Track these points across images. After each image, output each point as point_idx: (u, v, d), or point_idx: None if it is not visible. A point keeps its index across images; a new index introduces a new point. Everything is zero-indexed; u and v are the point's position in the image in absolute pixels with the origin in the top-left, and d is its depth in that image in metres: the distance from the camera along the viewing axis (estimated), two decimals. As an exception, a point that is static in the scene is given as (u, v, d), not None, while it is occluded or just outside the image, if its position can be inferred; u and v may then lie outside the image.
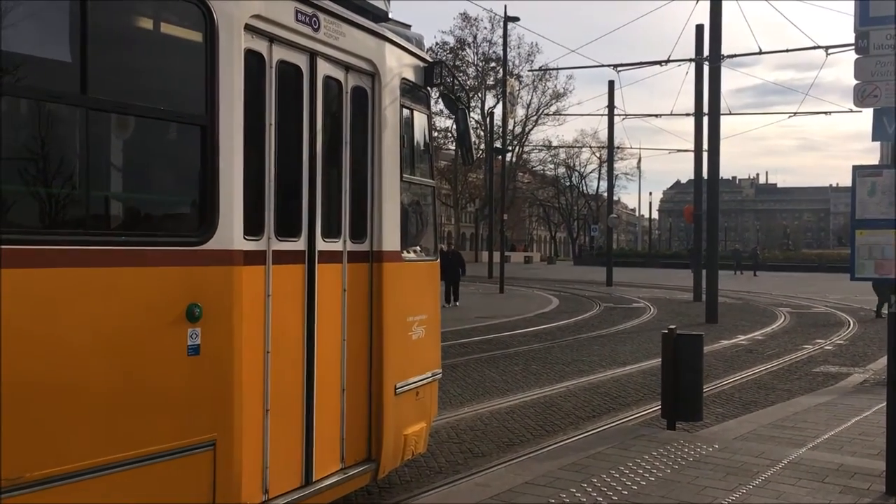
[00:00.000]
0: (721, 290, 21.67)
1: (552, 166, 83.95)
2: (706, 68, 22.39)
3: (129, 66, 3.81)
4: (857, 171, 5.74)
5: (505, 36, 37.31)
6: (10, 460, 3.11)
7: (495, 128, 50.15)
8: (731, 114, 36.77)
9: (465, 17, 63.61)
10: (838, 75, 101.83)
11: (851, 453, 6.67)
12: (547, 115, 69.36)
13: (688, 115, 29.56)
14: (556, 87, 69.52)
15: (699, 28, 24.23)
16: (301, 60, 4.64)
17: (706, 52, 22.18)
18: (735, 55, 23.61)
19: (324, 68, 4.81)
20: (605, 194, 52.82)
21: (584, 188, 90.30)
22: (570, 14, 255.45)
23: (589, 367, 12.47)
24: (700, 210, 25.75)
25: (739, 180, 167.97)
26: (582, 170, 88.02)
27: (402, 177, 5.51)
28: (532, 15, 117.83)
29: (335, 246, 4.96)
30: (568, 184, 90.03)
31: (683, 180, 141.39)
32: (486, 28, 62.25)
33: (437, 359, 6.23)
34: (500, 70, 47.14)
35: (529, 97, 68.36)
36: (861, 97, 5.69)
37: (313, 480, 4.78)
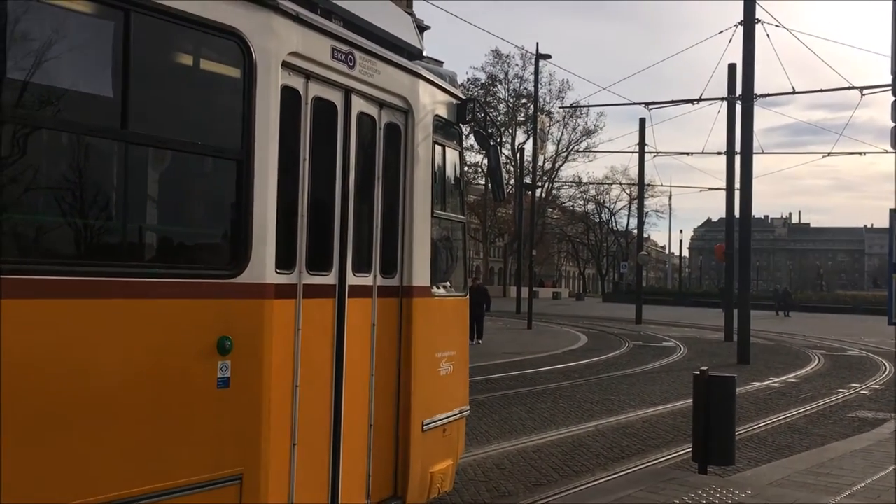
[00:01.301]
0: (753, 330, 21.33)
1: (582, 202, 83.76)
2: (738, 107, 22.32)
3: (167, 101, 3.85)
4: (895, 213, 5.64)
5: (536, 73, 37.59)
6: (43, 491, 3.12)
7: (525, 163, 50.30)
8: (763, 153, 36.56)
9: (496, 53, 63.88)
10: (872, 115, 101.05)
11: (889, 503, 6.47)
12: (577, 151, 69.39)
13: (719, 153, 29.49)
14: (586, 123, 69.63)
15: (731, 67, 24.24)
16: (336, 97, 4.68)
17: (738, 91, 22.12)
18: (768, 94, 23.59)
19: (358, 105, 4.85)
20: (635, 231, 52.60)
21: (614, 225, 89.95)
22: (602, 52, 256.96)
23: (618, 406, 12.30)
24: (732, 249, 25.49)
25: (772, 219, 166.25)
26: (612, 206, 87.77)
27: (433, 212, 5.53)
28: (564, 52, 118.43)
29: (366, 281, 4.96)
30: (597, 220, 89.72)
31: (714, 218, 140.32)
32: (517, 65, 62.70)
33: (465, 395, 6.20)
34: (531, 106, 47.44)
35: (560, 133, 68.55)
36: (899, 139, 5.62)
37: None
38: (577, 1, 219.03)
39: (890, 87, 5.76)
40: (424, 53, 5.87)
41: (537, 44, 38.50)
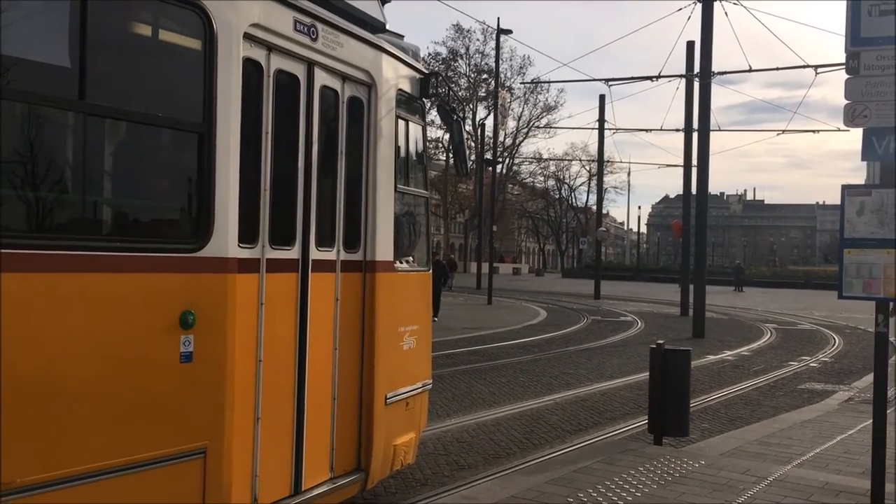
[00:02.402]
0: (708, 305, 21.74)
1: (542, 179, 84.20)
2: (696, 84, 22.53)
3: (126, 72, 3.80)
4: (847, 190, 5.76)
5: (497, 48, 37.47)
6: (6, 465, 3.09)
7: (486, 139, 50.25)
8: (720, 130, 37.11)
9: (458, 28, 63.59)
10: (825, 94, 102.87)
11: (837, 471, 6.69)
12: (538, 127, 69.60)
13: (677, 130, 29.77)
14: (547, 99, 70.10)
15: (690, 45, 24.43)
16: (299, 70, 4.66)
17: (697, 69, 22.32)
18: (725, 72, 23.80)
19: (321, 78, 4.82)
20: (594, 207, 53.03)
21: (574, 201, 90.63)
22: (563, 28, 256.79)
23: (576, 380, 12.47)
24: (688, 225, 25.87)
25: (727, 196, 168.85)
26: (571, 183, 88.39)
27: (396, 187, 5.52)
28: (525, 28, 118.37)
29: (329, 255, 4.96)
30: (557, 196, 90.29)
31: (672, 195, 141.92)
32: (478, 40, 62.55)
33: (427, 369, 6.23)
34: (492, 82, 47.35)
35: (521, 109, 68.62)
36: (851, 117, 5.73)
37: (302, 490, 4.76)
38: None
39: (843, 66, 5.86)
40: (387, 27, 5.76)
41: (498, 18, 38.45)
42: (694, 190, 23.27)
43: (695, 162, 22.61)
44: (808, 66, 22.02)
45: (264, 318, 4.40)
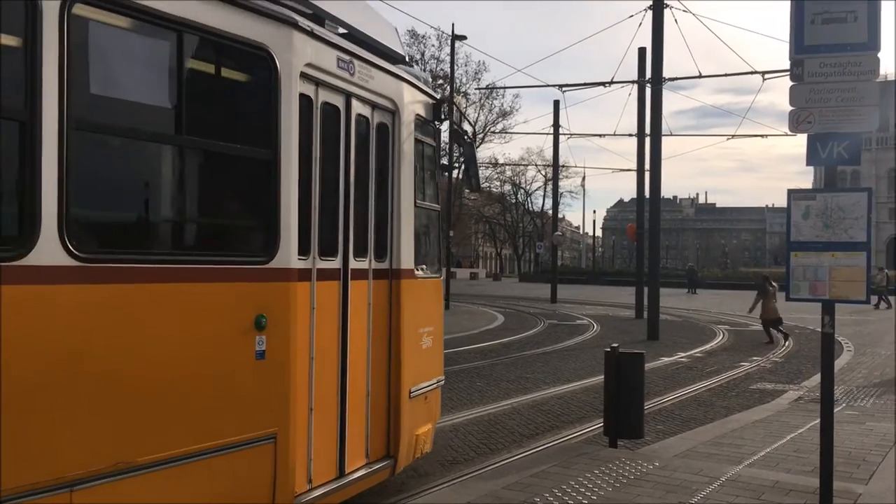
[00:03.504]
0: (662, 307, 22.03)
1: (498, 184, 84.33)
2: (648, 90, 22.86)
3: (211, 110, 4.40)
4: (792, 194, 5.89)
5: (452, 54, 37.59)
6: (121, 447, 3.68)
7: (442, 144, 50.30)
8: (672, 135, 37.65)
9: (413, 34, 63.50)
10: (773, 99, 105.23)
11: (787, 470, 6.82)
12: (493, 132, 69.75)
13: (630, 135, 30.13)
14: (502, 105, 70.25)
15: (642, 51, 24.75)
16: (339, 101, 5.27)
17: (648, 75, 22.65)
18: (676, 78, 24.28)
19: (356, 107, 5.45)
20: (550, 212, 53.37)
21: (530, 205, 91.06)
22: (517, 35, 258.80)
23: (533, 384, 12.53)
24: (642, 228, 26.20)
25: (680, 200, 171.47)
26: (527, 187, 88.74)
27: (416, 203, 6.19)
28: (479, 33, 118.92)
29: (363, 265, 5.59)
30: (514, 201, 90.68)
31: (626, 199, 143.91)
32: (433, 45, 62.79)
33: (440, 366, 6.92)
34: (448, 87, 47.38)
35: (476, 115, 68.77)
36: (796, 123, 5.85)
37: (346, 473, 5.39)
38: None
39: (788, 73, 5.99)
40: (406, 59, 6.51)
41: (453, 24, 38.59)
42: (647, 193, 23.60)
43: (648, 166, 22.92)
44: (755, 73, 22.55)
45: (315, 321, 5.02)
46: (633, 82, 25.86)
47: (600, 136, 38.67)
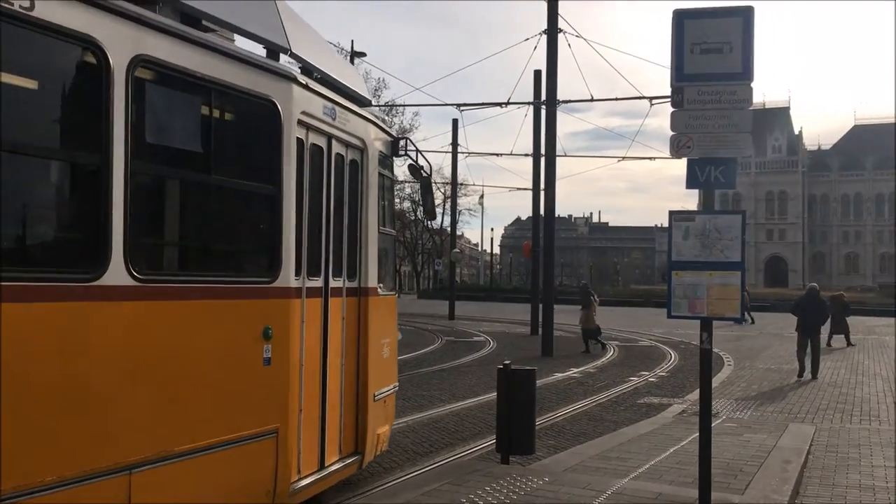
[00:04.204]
0: (557, 323, 22.53)
1: (397, 201, 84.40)
2: (543, 111, 23.43)
3: (231, 152, 5.15)
4: (674, 216, 6.14)
5: (352, 70, 37.43)
6: (164, 438, 4.35)
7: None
8: (566, 155, 38.74)
9: (312, 48, 63.15)
10: (661, 124, 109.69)
11: (669, 482, 7.05)
12: (393, 149, 69.87)
13: (527, 155, 30.75)
14: (402, 122, 70.30)
15: (537, 73, 25.36)
16: (323, 142, 6.06)
17: (544, 97, 23.22)
18: (569, 101, 24.92)
19: (335, 147, 6.23)
20: (449, 229, 53.80)
21: (429, 223, 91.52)
22: (417, 53, 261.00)
23: (429, 401, 12.54)
24: (538, 246, 26.74)
25: (575, 218, 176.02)
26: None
27: (379, 229, 6.96)
28: (378, 51, 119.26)
29: (339, 283, 6.34)
30: (413, 218, 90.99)
31: (524, 217, 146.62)
32: (333, 61, 62.12)
33: (395, 374, 7.79)
34: (347, 103, 47.14)
35: (376, 131, 68.69)
36: (676, 148, 6.11)
37: (325, 465, 6.11)
38: (389, 1, 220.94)
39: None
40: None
41: (352, 41, 38.50)
42: (543, 212, 24.11)
43: (543, 185, 23.44)
44: (644, 98, 23.44)
45: (305, 333, 5.71)
46: (528, 103, 26.42)
47: (498, 155, 39.51)
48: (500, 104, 25.81)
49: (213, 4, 4.94)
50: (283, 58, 5.69)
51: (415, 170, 7.75)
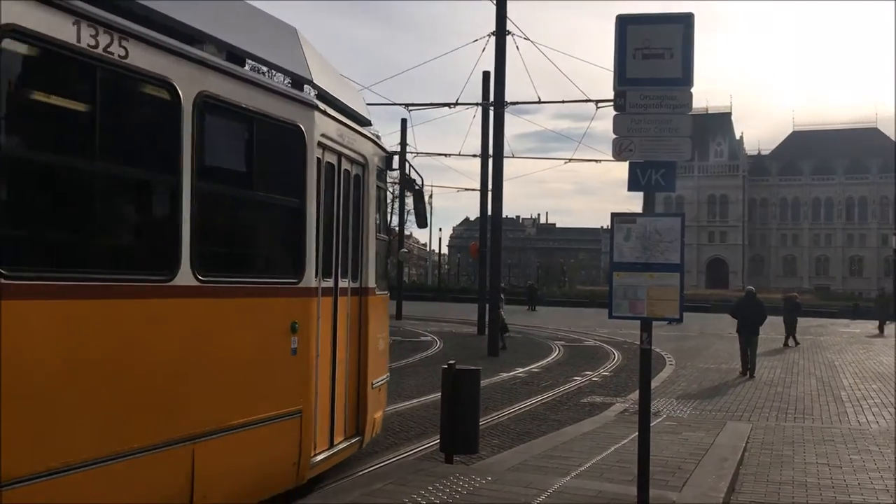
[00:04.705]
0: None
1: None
2: (492, 113, 23.55)
3: (267, 171, 5.93)
4: (616, 218, 6.23)
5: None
6: (220, 413, 5.21)
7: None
8: (514, 157, 38.95)
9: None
10: (607, 127, 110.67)
11: (610, 480, 7.15)
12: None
13: (475, 155, 30.87)
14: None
15: (486, 74, 25.50)
16: (334, 160, 6.95)
17: (492, 98, 23.34)
18: (517, 102, 25.02)
19: (344, 164, 7.13)
20: (397, 229, 53.71)
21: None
22: (365, 52, 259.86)
23: (373, 401, 12.47)
24: (485, 247, 26.87)
25: (523, 219, 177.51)
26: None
27: (377, 235, 7.85)
28: (327, 51, 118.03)
29: (345, 284, 7.23)
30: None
31: (472, 217, 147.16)
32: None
33: (387, 366, 8.71)
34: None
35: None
36: (619, 151, 6.21)
37: (334, 444, 6.98)
38: (338, 1, 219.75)
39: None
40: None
41: (301, 38, 37.71)
42: (490, 213, 24.23)
43: (491, 186, 23.56)
44: (589, 101, 23.75)
45: (320, 327, 6.56)
46: (477, 104, 26.56)
47: (446, 155, 39.48)
48: (448, 105, 25.85)
49: (250, 42, 5.76)
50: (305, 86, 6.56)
51: (408, 182, 8.78)
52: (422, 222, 9.42)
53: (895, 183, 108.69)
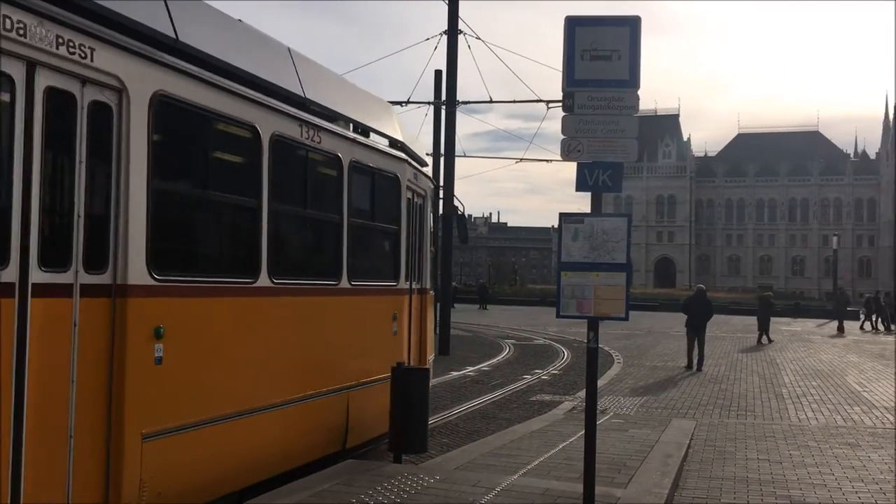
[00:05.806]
0: (454, 322, 22.74)
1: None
2: (444, 111, 23.56)
3: (374, 205, 8.27)
4: (564, 218, 6.27)
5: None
6: (360, 373, 7.78)
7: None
8: (466, 156, 39.07)
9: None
10: (558, 127, 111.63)
11: (557, 478, 7.21)
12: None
13: (427, 154, 30.81)
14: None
15: (438, 73, 25.47)
16: (411, 195, 9.13)
17: (444, 97, 23.34)
18: (469, 101, 25.11)
19: (416, 199, 9.47)
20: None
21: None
22: (314, 48, 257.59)
23: (322, 401, 12.37)
24: (436, 245, 26.84)
25: (475, 218, 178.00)
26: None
27: (431, 248, 10.44)
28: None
29: (416, 285, 9.54)
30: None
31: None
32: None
33: (433, 347, 11.88)
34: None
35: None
36: (567, 151, 6.24)
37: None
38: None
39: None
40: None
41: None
42: (441, 212, 24.21)
43: (442, 184, 23.54)
44: (540, 101, 23.92)
45: (403, 318, 8.81)
46: (428, 103, 26.50)
47: (398, 153, 39.29)
48: (400, 103, 25.73)
49: (367, 117, 8.27)
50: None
51: (452, 207, 11.22)
52: (464, 238, 13.10)
53: (836, 185, 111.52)
